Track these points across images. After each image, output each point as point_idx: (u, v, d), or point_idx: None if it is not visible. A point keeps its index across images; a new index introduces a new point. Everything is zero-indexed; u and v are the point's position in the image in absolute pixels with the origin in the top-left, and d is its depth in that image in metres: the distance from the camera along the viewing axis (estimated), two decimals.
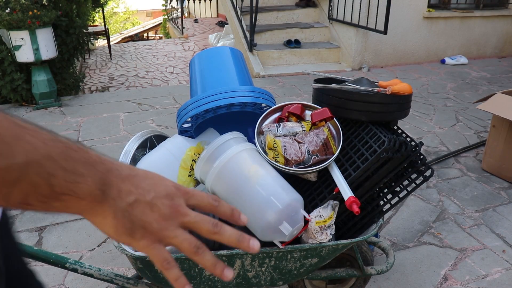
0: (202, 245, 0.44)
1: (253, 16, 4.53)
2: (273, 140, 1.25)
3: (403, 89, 1.35)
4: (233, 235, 0.47)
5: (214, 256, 0.45)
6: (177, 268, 0.43)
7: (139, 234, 0.41)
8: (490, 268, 1.79)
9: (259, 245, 0.47)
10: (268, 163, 1.20)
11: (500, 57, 5.71)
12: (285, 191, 1.12)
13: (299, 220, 1.12)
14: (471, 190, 2.40)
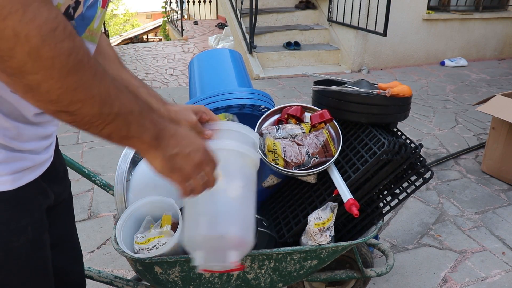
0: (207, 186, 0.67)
1: (252, 18, 4.54)
2: (272, 142, 1.25)
3: (403, 91, 1.35)
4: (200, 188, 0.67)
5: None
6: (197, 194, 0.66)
7: (176, 173, 0.62)
8: (490, 270, 1.79)
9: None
10: (250, 184, 0.88)
11: (499, 59, 5.72)
12: (222, 222, 0.83)
13: (220, 259, 0.83)
14: (470, 192, 2.40)
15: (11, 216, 0.61)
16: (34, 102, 0.47)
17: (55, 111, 0.48)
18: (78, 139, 3.03)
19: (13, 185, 0.60)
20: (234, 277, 1.21)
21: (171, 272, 1.16)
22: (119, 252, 1.13)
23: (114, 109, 0.51)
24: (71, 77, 0.45)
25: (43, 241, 0.69)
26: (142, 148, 0.58)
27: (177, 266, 1.15)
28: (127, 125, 0.53)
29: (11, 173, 0.60)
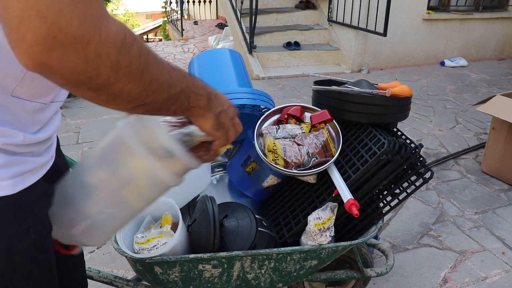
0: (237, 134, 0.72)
1: (252, 18, 4.54)
2: (272, 143, 1.25)
3: (403, 91, 1.35)
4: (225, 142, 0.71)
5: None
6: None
7: (221, 129, 0.68)
8: (490, 270, 1.79)
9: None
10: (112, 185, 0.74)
11: (499, 59, 5.72)
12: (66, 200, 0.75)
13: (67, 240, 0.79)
14: (470, 192, 2.40)
15: (13, 220, 0.61)
16: (115, 106, 0.51)
17: (132, 108, 0.52)
18: (78, 139, 3.03)
19: (14, 189, 0.60)
20: (234, 277, 1.21)
21: (171, 272, 1.16)
22: (119, 252, 1.13)
23: (177, 88, 0.56)
24: (145, 75, 0.50)
25: (46, 243, 0.69)
26: (199, 113, 0.63)
27: (177, 266, 1.15)
28: (188, 98, 0.59)
29: (12, 177, 0.60)
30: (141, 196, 0.75)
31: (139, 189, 0.74)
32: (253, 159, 1.38)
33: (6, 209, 0.60)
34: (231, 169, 1.47)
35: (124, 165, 0.70)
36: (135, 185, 0.73)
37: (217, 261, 1.16)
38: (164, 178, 0.71)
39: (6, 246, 0.61)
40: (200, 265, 1.16)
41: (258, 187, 1.42)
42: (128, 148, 0.68)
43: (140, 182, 0.72)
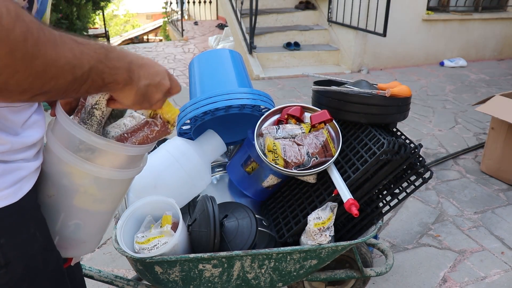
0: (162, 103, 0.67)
1: (252, 18, 4.54)
2: (272, 143, 1.25)
3: (402, 91, 1.35)
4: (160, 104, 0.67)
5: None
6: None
7: (146, 102, 0.62)
8: (489, 270, 1.79)
9: None
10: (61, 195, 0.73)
11: (498, 60, 5.72)
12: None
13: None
14: (470, 192, 2.41)
15: (20, 226, 0.61)
16: (6, 99, 0.45)
17: (30, 98, 0.46)
18: None
19: (15, 197, 0.60)
20: (234, 277, 1.22)
21: (171, 271, 1.17)
22: (120, 252, 1.13)
23: (85, 67, 0.49)
24: (36, 61, 0.42)
25: (52, 243, 0.69)
26: (117, 88, 0.57)
27: (177, 265, 1.15)
28: (101, 74, 0.52)
29: (11, 185, 0.59)
30: (98, 199, 0.71)
31: (89, 194, 0.70)
32: (253, 159, 1.38)
33: (12, 218, 0.60)
34: (231, 169, 1.47)
35: (62, 175, 0.67)
36: (83, 191, 0.69)
37: (217, 261, 1.16)
38: (108, 175, 0.67)
39: (18, 255, 0.60)
40: (200, 265, 1.16)
41: (258, 187, 1.42)
42: (57, 156, 0.65)
43: (86, 187, 0.69)
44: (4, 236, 0.58)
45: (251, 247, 1.20)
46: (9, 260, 0.59)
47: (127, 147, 0.67)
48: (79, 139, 0.64)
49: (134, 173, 0.72)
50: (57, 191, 0.69)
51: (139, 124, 0.70)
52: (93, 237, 0.80)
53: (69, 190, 0.69)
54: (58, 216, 0.71)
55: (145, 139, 0.69)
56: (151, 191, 1.27)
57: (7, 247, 0.58)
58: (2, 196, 0.58)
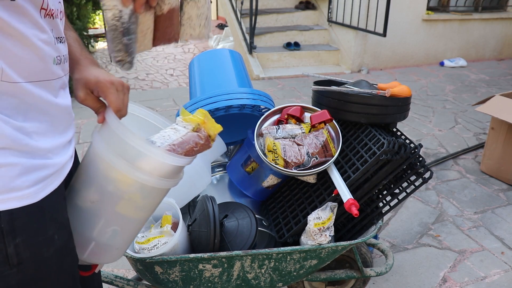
0: None
1: (252, 18, 4.54)
2: (272, 143, 1.25)
3: (402, 91, 1.35)
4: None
5: None
6: None
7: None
8: (489, 270, 1.79)
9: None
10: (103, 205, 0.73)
11: (498, 60, 5.72)
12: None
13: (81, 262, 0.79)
14: (470, 192, 2.41)
15: (38, 228, 0.60)
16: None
17: None
18: (78, 139, 3.03)
19: (36, 197, 0.59)
20: (234, 277, 1.22)
21: (171, 271, 1.17)
22: None
23: None
24: None
25: (69, 246, 0.68)
26: None
27: (177, 265, 1.15)
28: None
29: (33, 184, 0.58)
30: (138, 207, 0.72)
31: (133, 201, 0.70)
32: (253, 159, 1.38)
33: (30, 218, 0.58)
34: (231, 169, 1.47)
35: (109, 181, 0.67)
36: (127, 198, 0.69)
37: (217, 261, 1.16)
38: (154, 183, 0.66)
39: (32, 255, 0.59)
40: (200, 265, 1.16)
41: (258, 187, 1.42)
42: (107, 162, 0.65)
43: (131, 195, 0.69)
44: (20, 236, 0.57)
45: (251, 247, 1.20)
46: (22, 260, 0.58)
47: (177, 157, 0.67)
48: (132, 147, 0.63)
49: (175, 183, 0.72)
50: (101, 197, 0.69)
51: (185, 136, 0.71)
52: (125, 245, 0.80)
53: (113, 196, 0.69)
54: (97, 221, 0.71)
55: (191, 151, 0.70)
56: None
57: (22, 247, 0.58)
58: (23, 195, 0.57)
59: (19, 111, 0.56)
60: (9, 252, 0.56)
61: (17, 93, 0.55)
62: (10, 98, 0.55)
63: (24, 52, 0.54)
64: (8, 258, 0.57)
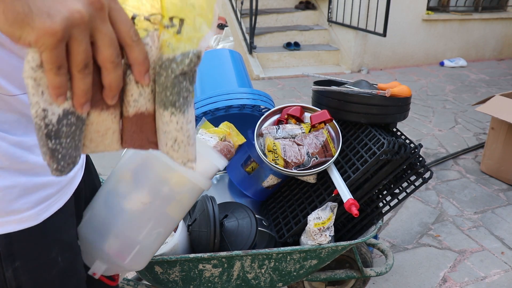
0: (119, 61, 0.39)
1: (252, 18, 4.54)
2: (272, 143, 1.25)
3: (402, 91, 1.36)
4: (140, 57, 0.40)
5: None
6: (64, 76, 0.36)
7: (39, 21, 0.32)
8: (489, 270, 1.79)
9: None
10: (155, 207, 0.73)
11: (498, 60, 5.73)
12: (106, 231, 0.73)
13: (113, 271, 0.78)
14: (470, 192, 2.41)
15: (39, 250, 0.56)
16: None
17: None
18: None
19: (37, 219, 0.54)
20: (234, 277, 1.22)
21: (171, 271, 1.17)
22: None
23: None
24: None
25: (75, 266, 0.63)
26: None
27: (177, 265, 1.15)
28: None
29: (35, 205, 0.54)
30: (183, 208, 0.73)
31: (181, 202, 0.71)
32: (253, 159, 1.38)
33: (31, 241, 0.54)
34: (231, 169, 1.47)
35: (165, 182, 0.67)
36: (178, 199, 0.70)
37: (217, 261, 1.16)
38: (203, 185, 0.68)
39: (32, 279, 0.56)
40: (200, 265, 1.16)
41: (258, 187, 1.42)
42: (165, 164, 0.65)
43: (182, 196, 0.70)
44: (19, 259, 0.53)
45: (251, 247, 1.20)
46: (21, 284, 0.55)
47: (225, 160, 0.69)
48: None
49: (210, 185, 0.73)
50: (153, 199, 0.68)
51: (220, 143, 0.74)
52: (158, 249, 0.78)
53: (166, 197, 0.68)
54: (147, 224, 0.70)
55: (225, 157, 0.75)
56: None
57: (21, 270, 0.54)
58: (22, 218, 0.53)
59: (19, 125, 0.52)
60: (7, 276, 0.53)
61: (15, 106, 0.51)
62: (8, 113, 0.50)
63: (18, 62, 0.49)
64: (6, 282, 0.53)
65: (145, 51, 0.40)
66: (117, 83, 0.39)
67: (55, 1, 0.33)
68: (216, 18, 0.43)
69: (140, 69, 0.40)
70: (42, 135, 0.38)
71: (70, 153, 0.41)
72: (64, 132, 0.39)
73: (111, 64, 0.37)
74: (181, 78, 0.42)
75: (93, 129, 0.43)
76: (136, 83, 0.42)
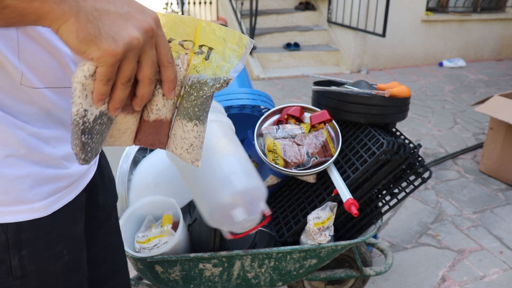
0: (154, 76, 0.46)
1: (252, 19, 4.55)
2: (272, 143, 1.26)
3: (402, 91, 1.36)
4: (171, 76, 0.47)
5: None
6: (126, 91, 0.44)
7: (106, 43, 0.39)
8: (488, 269, 1.80)
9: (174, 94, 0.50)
10: (239, 142, 1.05)
11: (497, 60, 5.74)
12: (248, 175, 0.96)
13: (255, 212, 0.96)
14: (469, 191, 2.41)
15: (46, 243, 0.57)
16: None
17: None
18: None
19: (47, 211, 0.56)
20: (234, 276, 1.22)
21: (171, 271, 1.17)
22: None
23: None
24: None
25: (79, 262, 0.64)
26: (34, 13, 0.38)
27: (177, 265, 1.16)
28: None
29: (45, 197, 0.55)
30: None
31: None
32: (253, 159, 1.39)
33: (39, 232, 0.56)
34: None
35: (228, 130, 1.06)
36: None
37: (217, 260, 1.17)
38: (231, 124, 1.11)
39: (37, 269, 0.57)
40: (201, 264, 1.17)
41: None
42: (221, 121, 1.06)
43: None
44: (26, 249, 0.55)
45: (251, 247, 1.20)
46: (26, 273, 0.56)
47: None
48: None
49: None
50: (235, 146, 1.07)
51: None
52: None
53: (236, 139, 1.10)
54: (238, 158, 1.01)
55: None
56: (152, 191, 1.27)
57: (27, 260, 0.55)
58: (33, 208, 0.54)
59: (37, 118, 0.53)
60: (13, 264, 0.54)
61: (36, 99, 0.53)
62: (29, 105, 0.52)
63: (46, 57, 0.51)
64: (12, 269, 0.55)
65: (175, 72, 0.48)
66: (148, 96, 0.47)
67: (120, 28, 0.40)
68: (246, 53, 0.52)
69: (169, 86, 0.48)
70: (78, 130, 0.44)
71: (96, 146, 0.47)
72: (96, 129, 0.46)
73: (149, 81, 0.45)
74: (209, 98, 0.51)
75: (116, 127, 0.51)
76: (162, 96, 0.49)
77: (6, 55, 0.48)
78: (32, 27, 0.49)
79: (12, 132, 0.50)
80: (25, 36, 0.49)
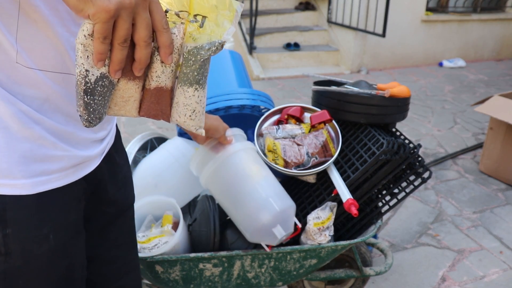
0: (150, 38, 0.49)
1: (252, 19, 4.55)
2: (272, 143, 1.26)
3: (402, 91, 1.36)
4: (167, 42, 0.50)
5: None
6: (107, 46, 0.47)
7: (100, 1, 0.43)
8: (488, 269, 1.80)
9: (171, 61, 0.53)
10: (267, 166, 1.21)
11: (497, 60, 5.74)
12: (281, 196, 1.14)
13: (290, 227, 1.14)
14: (468, 191, 2.42)
15: (31, 223, 0.57)
16: None
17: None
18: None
19: (32, 190, 0.56)
20: (234, 276, 1.22)
21: (172, 271, 1.17)
22: None
23: None
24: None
25: (67, 249, 0.64)
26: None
27: (177, 265, 1.16)
28: None
29: (31, 176, 0.55)
30: None
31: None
32: None
33: (24, 211, 0.56)
34: None
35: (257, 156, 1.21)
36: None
37: (217, 260, 1.17)
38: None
39: (21, 249, 0.57)
40: (201, 264, 1.17)
41: None
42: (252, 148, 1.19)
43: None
44: (11, 227, 0.55)
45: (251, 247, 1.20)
46: (10, 251, 0.56)
47: None
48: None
49: None
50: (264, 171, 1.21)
51: None
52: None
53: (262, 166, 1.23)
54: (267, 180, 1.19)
55: None
56: (152, 191, 1.27)
57: (11, 238, 0.56)
58: (17, 184, 0.54)
59: (33, 101, 0.54)
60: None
61: (33, 81, 0.54)
62: (25, 86, 0.53)
63: (44, 41, 0.52)
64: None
65: (171, 37, 0.51)
66: (146, 59, 0.49)
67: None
68: (237, 16, 0.56)
69: (165, 51, 0.50)
70: (81, 91, 0.48)
71: (99, 109, 0.50)
72: (98, 91, 0.49)
73: (144, 43, 0.48)
74: (206, 61, 0.54)
75: (119, 94, 0.53)
76: (161, 63, 0.52)
77: (5, 33, 0.50)
78: (33, 9, 0.50)
79: (4, 105, 0.52)
80: (25, 17, 0.50)
